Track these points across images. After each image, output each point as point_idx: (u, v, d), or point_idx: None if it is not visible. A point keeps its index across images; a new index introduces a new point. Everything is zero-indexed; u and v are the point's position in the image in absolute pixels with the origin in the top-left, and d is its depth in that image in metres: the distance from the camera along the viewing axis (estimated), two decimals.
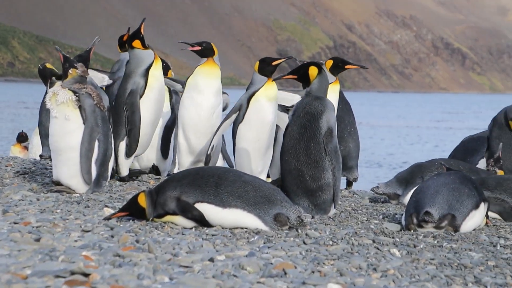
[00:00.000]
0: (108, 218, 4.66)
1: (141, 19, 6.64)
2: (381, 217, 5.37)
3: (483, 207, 4.98)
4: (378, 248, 4.19)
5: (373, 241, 4.37)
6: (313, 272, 3.56)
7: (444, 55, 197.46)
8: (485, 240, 4.58)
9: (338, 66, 6.87)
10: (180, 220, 4.59)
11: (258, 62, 6.41)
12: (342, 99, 7.21)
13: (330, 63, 6.86)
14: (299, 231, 4.53)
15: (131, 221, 4.71)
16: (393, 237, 4.54)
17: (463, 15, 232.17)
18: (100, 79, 6.83)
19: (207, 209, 4.53)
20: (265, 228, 4.53)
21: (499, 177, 5.72)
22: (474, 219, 4.88)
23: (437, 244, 4.38)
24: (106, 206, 5.17)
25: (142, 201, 4.67)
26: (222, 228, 4.54)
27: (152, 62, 6.40)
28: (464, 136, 8.37)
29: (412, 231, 4.77)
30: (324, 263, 3.77)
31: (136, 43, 6.41)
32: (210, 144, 6.37)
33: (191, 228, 4.55)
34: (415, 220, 4.78)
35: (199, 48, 6.68)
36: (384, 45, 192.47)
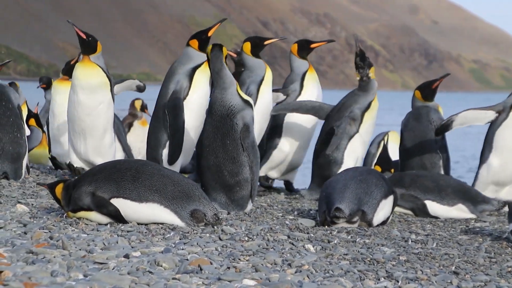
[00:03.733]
0: (41, 184, 4.75)
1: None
2: (296, 213, 5.43)
3: (391, 197, 5.07)
4: (293, 244, 4.23)
5: (288, 237, 4.40)
6: (228, 268, 3.57)
7: None
8: (397, 235, 4.68)
9: None
10: (95, 215, 4.53)
11: None
12: None
13: None
14: (215, 227, 4.53)
15: (44, 217, 4.62)
16: (307, 233, 4.59)
17: (376, 13, 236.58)
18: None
19: (123, 204, 4.48)
20: (181, 224, 4.51)
21: (414, 173, 5.85)
22: (385, 210, 4.98)
23: (350, 239, 4.45)
24: (19, 202, 5.07)
25: (59, 192, 4.61)
26: (138, 224, 4.50)
27: (202, 64, 5.95)
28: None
29: (326, 226, 4.84)
30: (239, 259, 3.78)
31: (193, 42, 6.04)
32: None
33: (106, 224, 4.50)
34: (327, 218, 4.85)
35: (84, 36, 6.17)
36: None
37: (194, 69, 5.96)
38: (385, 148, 6.56)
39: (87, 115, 6.14)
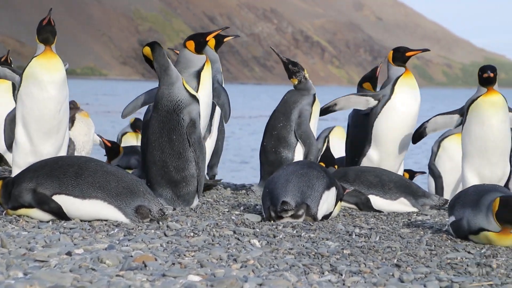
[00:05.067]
0: None
1: None
2: (242, 208, 5.43)
3: (333, 188, 5.11)
4: (238, 239, 4.24)
5: (234, 232, 4.41)
6: (173, 264, 3.56)
7: (304, 48, 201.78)
8: (341, 229, 4.72)
9: None
10: (36, 213, 4.46)
11: None
12: None
13: None
14: (160, 223, 4.51)
15: None
16: (253, 228, 4.60)
17: (322, 9, 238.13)
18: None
19: (66, 201, 4.43)
20: (125, 220, 4.47)
21: (358, 169, 5.91)
22: (328, 202, 5.01)
23: (296, 234, 4.47)
24: None
25: None
26: (81, 221, 4.45)
27: (204, 65, 5.93)
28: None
29: (272, 222, 4.85)
30: (184, 255, 3.77)
31: (189, 44, 5.93)
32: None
33: (48, 222, 4.44)
34: (273, 214, 4.86)
35: (53, 23, 5.76)
36: (246, 37, 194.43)
37: (199, 72, 5.91)
38: (327, 145, 6.61)
39: (59, 112, 5.74)
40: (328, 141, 7.03)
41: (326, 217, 5.04)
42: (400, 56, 6.49)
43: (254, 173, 14.18)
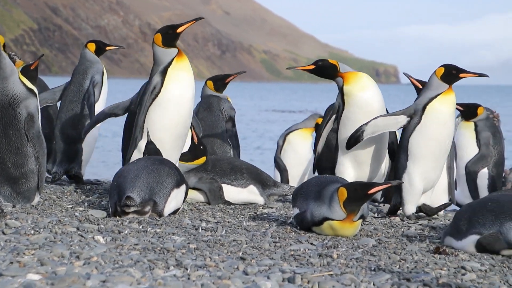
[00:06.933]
0: None
1: None
2: (86, 204, 5.33)
3: (183, 186, 5.10)
4: (82, 236, 4.15)
5: (78, 229, 4.32)
6: (11, 263, 3.43)
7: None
8: (188, 224, 4.72)
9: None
10: None
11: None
12: None
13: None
14: None
15: None
16: (98, 224, 4.52)
17: (168, 3, 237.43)
18: None
19: None
20: None
21: (214, 158, 5.93)
22: (177, 199, 5.00)
23: (142, 229, 4.43)
24: None
25: None
26: None
27: (172, 60, 5.43)
28: None
29: (118, 217, 4.78)
30: (24, 253, 3.65)
31: (157, 37, 5.48)
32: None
33: None
34: (118, 209, 4.79)
35: None
36: (91, 29, 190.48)
37: (166, 68, 5.46)
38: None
39: None
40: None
41: (173, 212, 5.03)
42: (451, 75, 5.62)
43: (105, 166, 13.98)
